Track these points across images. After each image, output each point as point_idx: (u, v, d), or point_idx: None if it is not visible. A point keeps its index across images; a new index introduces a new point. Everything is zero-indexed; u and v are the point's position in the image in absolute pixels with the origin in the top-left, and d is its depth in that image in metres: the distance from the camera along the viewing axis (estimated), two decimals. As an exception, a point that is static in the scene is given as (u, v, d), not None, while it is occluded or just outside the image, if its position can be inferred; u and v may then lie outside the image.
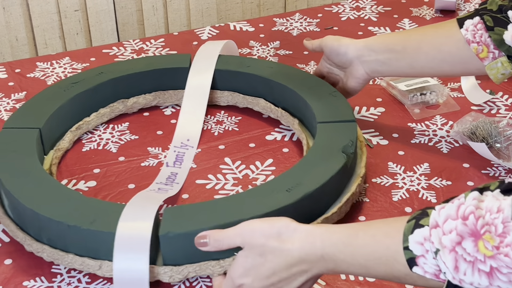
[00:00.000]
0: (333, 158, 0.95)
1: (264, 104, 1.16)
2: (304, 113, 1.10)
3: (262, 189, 0.90)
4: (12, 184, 0.91)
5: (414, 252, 0.66)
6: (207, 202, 0.89)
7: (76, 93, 1.11)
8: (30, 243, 0.89)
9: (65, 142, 1.08)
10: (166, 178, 1.01)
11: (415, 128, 1.14)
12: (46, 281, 0.87)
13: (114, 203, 0.91)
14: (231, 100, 1.19)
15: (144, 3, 1.96)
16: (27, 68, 1.33)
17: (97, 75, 1.15)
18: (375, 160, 1.07)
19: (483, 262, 0.62)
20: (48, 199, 0.89)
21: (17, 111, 1.07)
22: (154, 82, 1.18)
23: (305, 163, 0.95)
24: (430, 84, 1.21)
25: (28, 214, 0.88)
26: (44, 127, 1.03)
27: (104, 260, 0.85)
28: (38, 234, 0.89)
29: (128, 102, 1.17)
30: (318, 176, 0.91)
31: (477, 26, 0.97)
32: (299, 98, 1.10)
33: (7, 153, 0.98)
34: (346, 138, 0.98)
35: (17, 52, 1.89)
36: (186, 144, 1.08)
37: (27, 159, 0.96)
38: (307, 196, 0.88)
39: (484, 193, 0.64)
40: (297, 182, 0.90)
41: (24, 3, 1.84)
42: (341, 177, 0.95)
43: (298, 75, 1.15)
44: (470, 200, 0.64)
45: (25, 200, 0.89)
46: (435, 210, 0.66)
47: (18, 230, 0.90)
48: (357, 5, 1.56)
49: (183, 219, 0.85)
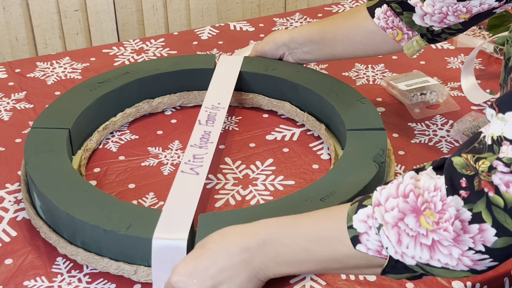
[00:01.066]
0: (364, 167, 0.94)
1: (289, 108, 1.15)
2: (332, 118, 1.09)
3: (296, 198, 0.89)
4: (46, 186, 0.91)
5: (358, 230, 0.69)
6: (241, 210, 0.89)
7: (103, 93, 1.11)
8: (64, 246, 0.88)
9: (93, 142, 1.08)
10: (200, 138, 1.01)
11: (415, 128, 1.14)
12: (46, 281, 0.87)
13: (150, 208, 0.92)
14: (255, 102, 1.19)
15: (144, 3, 1.96)
16: (27, 68, 1.33)
17: (122, 74, 1.15)
18: (375, 160, 1.07)
19: (425, 236, 0.65)
20: (83, 202, 0.88)
21: (44, 110, 1.07)
22: (179, 82, 1.18)
23: (337, 171, 0.94)
24: (430, 84, 1.21)
25: (62, 217, 0.88)
26: (73, 127, 1.03)
27: (139, 265, 0.85)
28: (72, 237, 0.88)
29: (153, 102, 1.17)
30: (351, 185, 0.90)
31: (386, 13, 1.07)
32: (327, 103, 1.09)
33: (39, 153, 0.97)
34: (376, 146, 0.98)
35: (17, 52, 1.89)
36: (217, 106, 1.09)
37: (59, 160, 0.96)
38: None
39: (420, 172, 0.68)
40: (330, 191, 0.90)
41: (24, 3, 1.85)
42: (373, 186, 0.93)
43: (325, 80, 1.15)
44: (407, 179, 0.67)
45: (60, 203, 0.88)
46: (376, 191, 0.69)
47: (51, 232, 0.90)
48: (356, 5, 1.55)
49: (218, 227, 0.83)
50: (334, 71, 1.26)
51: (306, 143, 1.11)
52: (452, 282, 0.85)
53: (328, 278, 0.86)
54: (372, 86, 1.25)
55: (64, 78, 1.29)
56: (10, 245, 0.92)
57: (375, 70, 1.30)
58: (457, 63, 1.33)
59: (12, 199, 1.00)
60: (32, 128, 1.03)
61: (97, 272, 0.88)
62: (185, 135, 1.13)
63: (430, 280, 0.85)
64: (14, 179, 1.04)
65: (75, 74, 1.30)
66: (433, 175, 0.66)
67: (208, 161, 0.97)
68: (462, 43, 1.38)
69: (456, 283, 0.84)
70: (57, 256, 0.90)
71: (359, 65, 1.32)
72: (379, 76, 1.28)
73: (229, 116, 1.18)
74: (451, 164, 0.65)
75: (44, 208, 0.92)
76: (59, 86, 1.26)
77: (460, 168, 0.64)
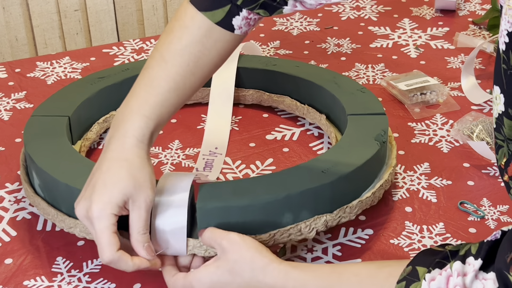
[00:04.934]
0: (366, 145, 0.94)
1: (289, 102, 1.15)
2: (332, 108, 1.09)
3: (298, 169, 0.90)
4: (45, 162, 0.91)
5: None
6: (243, 180, 0.89)
7: (103, 86, 1.11)
8: (62, 219, 0.88)
9: (93, 133, 1.09)
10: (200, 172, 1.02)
11: (415, 127, 1.14)
12: (46, 280, 0.87)
13: None
14: (256, 99, 1.19)
15: (144, 3, 1.96)
16: (27, 68, 1.33)
17: (123, 71, 1.15)
18: (375, 159, 1.07)
19: None
20: (81, 174, 0.88)
21: (45, 101, 1.07)
22: None
23: (338, 148, 0.94)
24: (430, 84, 1.21)
25: (61, 190, 0.88)
26: (73, 116, 1.04)
27: None
28: (71, 210, 0.86)
29: None
30: (353, 159, 0.91)
31: (249, 17, 0.84)
32: (327, 93, 1.09)
33: (38, 137, 0.98)
34: (378, 128, 0.98)
35: (17, 52, 1.89)
36: (214, 152, 1.09)
37: (59, 141, 0.97)
38: (343, 177, 0.88)
39: (466, 260, 0.66)
40: (332, 164, 0.90)
41: (24, 3, 1.85)
42: (375, 164, 0.94)
43: (325, 73, 1.15)
44: (455, 274, 0.65)
45: (58, 175, 0.89)
46: (425, 281, 0.67)
47: (49, 207, 0.90)
48: (357, 5, 1.56)
49: (220, 193, 0.85)
50: (334, 71, 1.26)
51: (306, 143, 1.11)
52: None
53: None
54: (372, 86, 1.25)
55: (64, 78, 1.29)
56: (10, 244, 0.92)
57: (375, 70, 1.30)
58: (457, 63, 1.33)
59: (12, 199, 1.00)
60: (32, 116, 1.03)
61: (97, 271, 0.88)
62: (185, 134, 1.13)
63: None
64: (14, 179, 1.04)
65: (75, 74, 1.30)
66: (480, 275, 0.65)
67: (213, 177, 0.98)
68: (462, 43, 1.38)
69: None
70: (57, 256, 0.90)
71: (359, 65, 1.32)
72: (379, 76, 1.28)
73: (229, 116, 1.18)
74: (507, 278, 0.63)
75: (43, 185, 0.92)
76: (59, 86, 1.26)
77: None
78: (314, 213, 0.87)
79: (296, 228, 0.86)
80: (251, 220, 0.84)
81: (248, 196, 0.84)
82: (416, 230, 0.93)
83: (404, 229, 0.94)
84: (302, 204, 0.86)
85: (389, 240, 0.92)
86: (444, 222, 0.94)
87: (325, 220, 0.87)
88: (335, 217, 0.88)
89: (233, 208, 0.83)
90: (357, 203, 0.89)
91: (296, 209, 0.85)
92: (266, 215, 0.84)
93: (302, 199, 0.85)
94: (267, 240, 0.84)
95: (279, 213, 0.85)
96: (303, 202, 0.86)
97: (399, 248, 0.90)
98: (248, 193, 0.85)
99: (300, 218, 0.86)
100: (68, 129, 1.02)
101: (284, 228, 0.85)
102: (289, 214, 0.85)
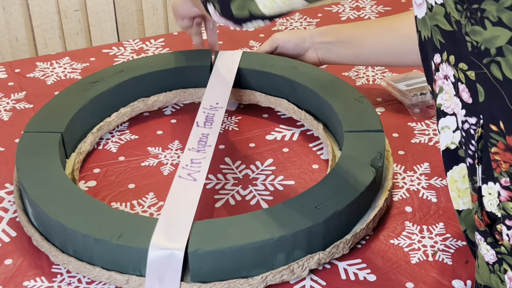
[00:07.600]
0: (361, 172, 0.93)
1: (287, 105, 1.14)
2: (329, 117, 1.08)
3: (291, 205, 0.88)
4: (37, 194, 0.90)
5: None
6: (236, 217, 0.87)
7: (96, 93, 1.09)
8: (55, 254, 0.87)
9: (87, 144, 1.07)
10: (198, 141, 1.00)
11: (415, 127, 1.14)
12: (46, 281, 0.87)
13: (142, 216, 0.91)
14: (253, 99, 1.18)
15: (144, 3, 1.96)
16: (27, 68, 1.33)
17: (116, 73, 1.14)
18: (375, 159, 1.07)
19: None
20: (74, 210, 0.87)
21: (37, 113, 1.05)
22: (174, 80, 1.17)
23: (333, 177, 0.93)
24: (430, 84, 1.21)
25: (54, 225, 0.87)
26: (66, 131, 1.02)
27: (131, 274, 0.84)
28: (64, 245, 0.87)
29: (148, 101, 1.15)
30: (347, 192, 0.89)
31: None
32: (324, 102, 1.08)
33: (30, 159, 0.96)
34: (374, 150, 0.96)
35: (17, 52, 1.89)
36: (215, 107, 1.08)
37: (51, 166, 0.94)
38: (337, 213, 0.87)
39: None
40: (325, 198, 0.88)
41: (24, 3, 1.85)
42: (370, 192, 0.93)
43: (323, 76, 1.13)
44: None
45: (51, 211, 0.87)
46: None
47: (43, 240, 0.89)
48: (357, 5, 1.56)
49: (212, 236, 0.83)
50: (334, 71, 1.26)
51: (306, 143, 1.11)
52: (452, 282, 0.85)
53: (328, 278, 0.86)
54: (372, 86, 1.25)
55: (64, 78, 1.29)
56: (10, 245, 0.92)
57: (375, 70, 1.30)
58: (457, 63, 1.32)
59: (12, 199, 1.00)
60: (25, 133, 1.02)
61: (97, 272, 0.88)
62: (185, 135, 1.12)
63: (430, 279, 0.85)
64: (13, 179, 1.04)
65: (75, 74, 1.30)
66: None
67: (206, 166, 0.95)
68: (462, 43, 1.37)
69: (457, 282, 0.84)
70: (57, 256, 0.90)
71: (359, 65, 1.32)
72: (379, 76, 1.28)
73: (229, 116, 1.18)
74: None
75: (36, 215, 0.91)
76: (59, 86, 1.26)
77: None
78: (307, 251, 0.86)
79: (289, 269, 0.84)
80: (243, 263, 0.83)
81: (241, 238, 0.83)
82: (416, 230, 0.93)
83: (404, 229, 0.94)
84: (295, 244, 0.84)
85: (389, 240, 0.92)
86: (444, 222, 0.94)
87: (318, 259, 0.86)
88: (328, 255, 0.87)
89: (225, 251, 0.81)
90: (351, 238, 0.89)
91: (289, 249, 0.84)
92: (259, 256, 0.83)
93: (295, 239, 0.84)
94: (259, 283, 0.83)
95: (272, 254, 0.84)
96: (296, 242, 0.84)
97: (399, 248, 0.90)
98: (240, 236, 0.83)
99: (293, 258, 0.85)
100: (61, 145, 1.00)
101: (276, 270, 0.84)
102: (281, 255, 0.84)
